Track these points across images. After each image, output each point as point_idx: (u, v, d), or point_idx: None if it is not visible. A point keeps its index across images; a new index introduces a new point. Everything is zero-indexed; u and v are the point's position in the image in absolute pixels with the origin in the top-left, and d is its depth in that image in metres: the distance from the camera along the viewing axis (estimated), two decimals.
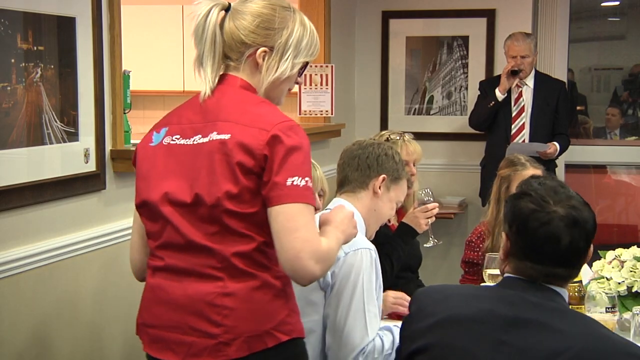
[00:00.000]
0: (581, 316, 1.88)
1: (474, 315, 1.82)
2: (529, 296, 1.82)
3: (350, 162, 2.63)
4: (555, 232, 1.79)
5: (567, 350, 1.71)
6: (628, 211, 6.74)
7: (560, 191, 1.85)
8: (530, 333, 1.75)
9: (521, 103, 5.10)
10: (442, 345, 1.83)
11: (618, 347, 1.75)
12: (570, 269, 1.85)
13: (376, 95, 5.91)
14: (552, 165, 5.01)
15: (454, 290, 1.99)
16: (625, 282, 2.71)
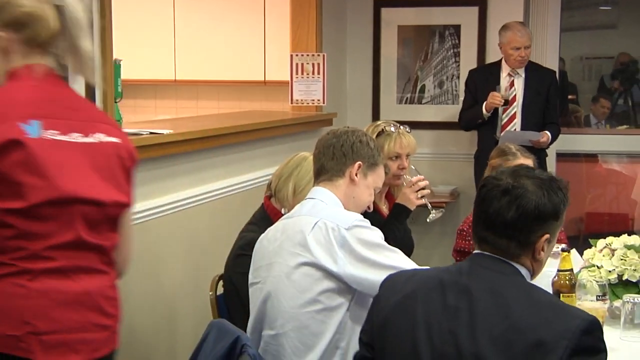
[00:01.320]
0: (531, 285, 1.94)
1: (432, 286, 1.94)
2: (483, 269, 1.93)
3: (325, 152, 2.62)
4: (488, 196, 1.94)
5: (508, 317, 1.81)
6: (619, 200, 6.76)
7: (522, 171, 1.98)
8: (480, 300, 1.86)
9: (513, 92, 5.10)
10: (403, 319, 1.94)
11: (559, 310, 1.83)
12: (498, 237, 1.92)
13: (368, 84, 5.90)
14: (543, 154, 5.01)
15: (421, 270, 2.12)
16: (615, 270, 2.72)
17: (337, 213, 2.50)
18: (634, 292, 2.64)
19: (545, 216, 1.93)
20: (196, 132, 3.74)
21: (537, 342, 1.78)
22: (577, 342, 1.77)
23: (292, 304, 2.44)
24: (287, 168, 3.04)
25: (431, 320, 1.91)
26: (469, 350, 1.83)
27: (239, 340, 2.30)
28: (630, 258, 2.72)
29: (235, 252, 2.94)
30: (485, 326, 1.84)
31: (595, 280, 2.68)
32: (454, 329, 1.87)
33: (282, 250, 2.49)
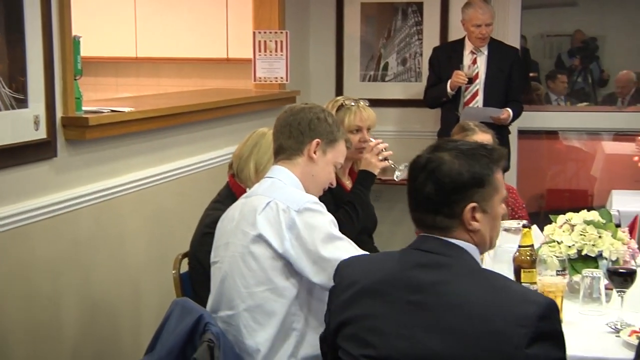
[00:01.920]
0: (484, 272, 1.93)
1: (383, 279, 1.93)
2: (434, 255, 1.90)
3: (283, 130, 2.59)
4: (411, 174, 1.96)
5: (462, 307, 1.80)
6: (579, 176, 6.85)
7: (443, 144, 1.98)
8: (434, 293, 1.84)
9: (475, 70, 5.12)
10: (363, 315, 1.92)
11: (514, 296, 1.82)
12: (423, 214, 1.92)
13: (331, 61, 5.88)
14: (505, 131, 5.05)
15: (371, 258, 2.08)
16: (575, 245, 2.75)
17: (291, 194, 2.49)
18: (593, 266, 2.68)
19: (464, 186, 1.89)
20: (158, 110, 3.71)
21: (494, 331, 1.77)
22: (535, 330, 1.75)
23: (245, 283, 2.44)
24: (246, 147, 3.03)
25: (385, 317, 1.89)
26: (423, 344, 1.82)
27: (202, 318, 2.30)
28: (589, 233, 2.76)
29: (202, 230, 2.93)
30: (439, 318, 1.82)
31: (555, 255, 2.72)
32: (407, 322, 1.86)
33: (237, 230, 2.49)
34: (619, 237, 2.78)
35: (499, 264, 2.76)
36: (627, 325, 2.39)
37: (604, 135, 6.50)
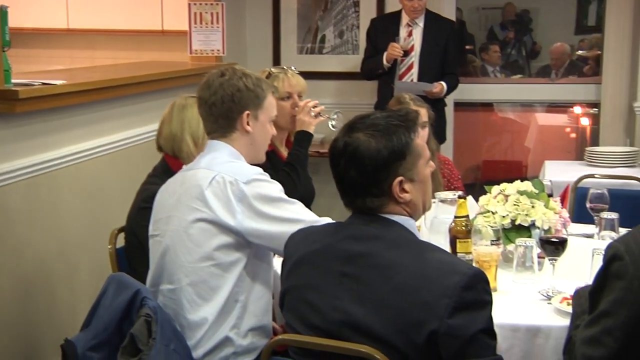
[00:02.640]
0: (414, 244, 1.94)
1: (318, 250, 1.95)
2: (367, 228, 1.92)
3: (208, 111, 2.53)
4: (332, 161, 1.94)
5: (392, 278, 1.82)
6: (514, 148, 6.96)
7: (356, 123, 1.93)
8: (365, 264, 1.86)
9: (411, 42, 5.14)
10: (299, 285, 1.95)
11: (442, 267, 1.84)
12: (352, 199, 1.93)
13: (268, 34, 5.84)
14: (441, 104, 5.09)
15: (313, 229, 2.08)
16: (509, 215, 2.80)
17: (235, 167, 2.47)
18: (526, 236, 2.73)
19: (385, 163, 1.89)
20: (92, 82, 3.64)
21: (421, 303, 1.79)
22: (458, 300, 1.77)
23: (190, 258, 2.42)
24: (174, 126, 2.93)
25: (319, 286, 1.91)
26: (355, 317, 1.84)
27: (138, 293, 2.28)
28: (522, 203, 2.81)
29: (138, 205, 2.89)
30: (369, 289, 1.84)
31: (489, 225, 2.76)
32: (339, 293, 1.87)
33: (180, 204, 2.46)
34: (551, 206, 2.83)
35: (436, 235, 2.79)
36: (558, 292, 2.45)
37: (538, 107, 6.62)
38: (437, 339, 1.78)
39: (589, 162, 4.53)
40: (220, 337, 2.43)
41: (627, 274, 1.78)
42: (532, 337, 2.19)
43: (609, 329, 1.81)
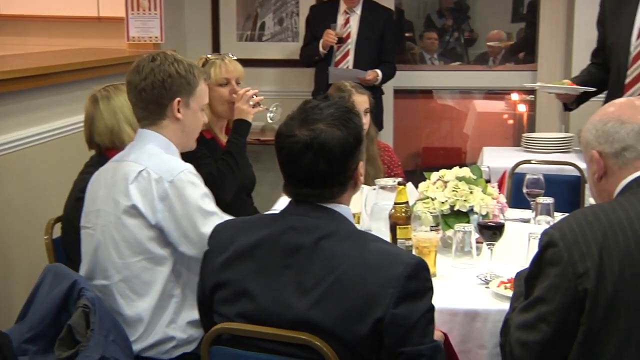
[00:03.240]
0: (356, 235, 1.95)
1: (257, 243, 1.92)
2: (308, 219, 1.91)
3: (138, 97, 2.48)
4: (292, 156, 1.88)
5: (336, 269, 1.82)
6: (453, 134, 7.03)
7: (311, 115, 1.90)
8: (308, 256, 1.86)
9: (347, 30, 5.15)
10: (238, 279, 1.92)
11: (385, 258, 1.85)
12: (318, 189, 1.92)
13: (207, 21, 5.79)
14: (378, 91, 5.12)
15: (246, 221, 2.05)
16: (448, 201, 2.83)
17: (164, 162, 2.43)
18: (465, 221, 2.77)
19: (352, 149, 1.91)
20: (25, 70, 3.57)
21: (365, 294, 1.80)
22: (402, 289, 1.79)
23: (120, 254, 2.40)
24: (109, 121, 2.87)
25: (259, 279, 1.89)
26: (298, 309, 1.84)
27: (76, 284, 2.25)
28: (461, 189, 2.84)
29: (75, 195, 2.84)
30: (312, 281, 1.84)
31: (429, 211, 2.79)
32: (281, 285, 1.86)
33: (109, 198, 2.43)
34: (488, 192, 2.87)
35: (376, 222, 2.81)
36: (496, 276, 2.49)
37: (476, 94, 6.69)
38: (382, 328, 1.79)
39: (526, 148, 4.60)
40: (159, 334, 2.42)
41: (561, 261, 1.82)
42: (470, 321, 2.22)
43: (543, 314, 1.84)
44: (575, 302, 1.81)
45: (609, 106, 2.02)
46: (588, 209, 1.96)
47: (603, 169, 1.98)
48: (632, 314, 1.77)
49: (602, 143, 1.96)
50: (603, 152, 1.96)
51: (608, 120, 1.97)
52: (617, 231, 1.81)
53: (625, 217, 1.83)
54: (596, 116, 2.02)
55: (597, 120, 2.00)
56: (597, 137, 1.97)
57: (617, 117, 1.96)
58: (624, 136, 1.93)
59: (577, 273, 1.80)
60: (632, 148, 1.93)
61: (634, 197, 1.89)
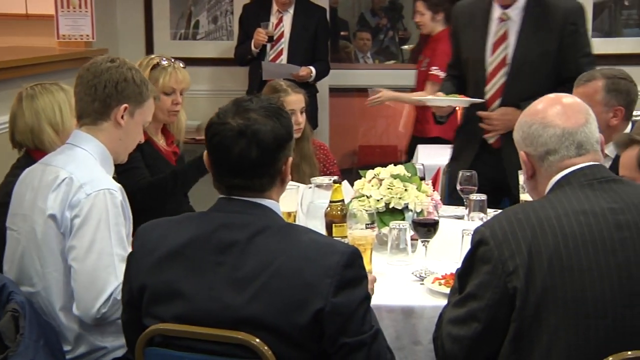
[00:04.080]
0: (288, 228, 1.95)
1: (187, 243, 1.90)
2: (239, 215, 1.90)
3: (87, 92, 2.43)
4: (224, 143, 1.87)
5: (272, 263, 1.82)
6: (389, 132, 7.09)
7: (243, 105, 1.92)
8: (242, 252, 1.85)
9: (281, 29, 5.14)
10: (170, 280, 1.89)
11: (320, 248, 1.86)
12: (249, 180, 1.91)
13: (139, 19, 5.71)
14: (313, 90, 5.12)
15: (172, 222, 2.01)
16: (383, 199, 2.85)
17: (93, 172, 2.36)
18: (400, 219, 2.79)
19: (283, 142, 1.91)
20: None
21: (303, 285, 1.80)
22: (340, 278, 1.80)
23: (43, 263, 2.35)
24: (29, 119, 2.79)
25: (192, 279, 1.87)
26: (235, 306, 1.82)
27: (5, 287, 2.19)
28: (396, 187, 2.86)
29: (2, 199, 2.76)
30: (248, 277, 1.83)
31: (364, 209, 2.80)
32: (216, 283, 1.85)
33: (35, 205, 2.36)
34: (423, 189, 2.90)
35: (312, 220, 2.81)
36: (430, 273, 2.51)
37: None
38: (322, 318, 1.80)
39: None
40: (87, 346, 2.38)
41: (491, 259, 1.85)
42: (406, 318, 2.24)
43: (474, 311, 1.87)
44: (505, 299, 1.83)
45: (538, 103, 2.04)
46: (519, 206, 2.00)
47: (531, 169, 2.01)
48: (560, 310, 1.81)
49: (528, 145, 1.99)
50: (529, 154, 2.00)
51: (533, 122, 1.99)
52: (546, 229, 1.84)
53: (554, 215, 1.86)
54: (523, 115, 2.05)
55: (523, 121, 2.03)
56: (524, 138, 2.01)
57: (541, 119, 1.98)
58: (546, 140, 1.96)
59: (507, 271, 1.83)
60: (555, 152, 1.96)
61: (562, 194, 1.92)
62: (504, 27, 3.56)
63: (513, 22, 3.55)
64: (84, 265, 2.28)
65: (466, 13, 3.69)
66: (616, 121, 3.19)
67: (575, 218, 1.85)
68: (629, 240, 1.84)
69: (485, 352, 1.90)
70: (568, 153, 1.95)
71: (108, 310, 2.27)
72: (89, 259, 2.27)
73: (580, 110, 2.00)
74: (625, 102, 3.20)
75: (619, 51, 4.87)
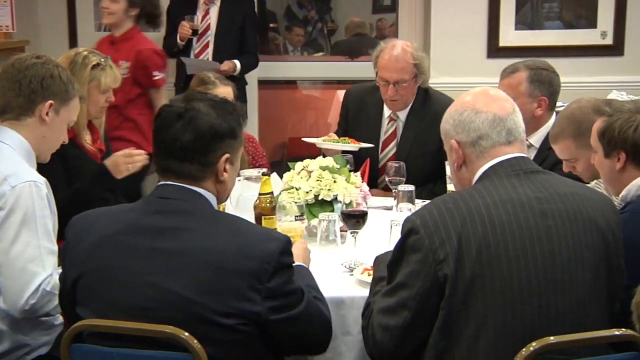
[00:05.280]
0: (224, 217, 2.00)
1: (122, 229, 1.92)
2: (175, 202, 1.92)
3: (11, 87, 2.39)
4: (163, 123, 1.94)
5: (209, 250, 1.84)
6: (318, 124, 7.10)
7: (195, 95, 2.01)
8: (177, 237, 1.87)
9: (207, 21, 5.08)
10: (97, 268, 1.90)
11: (256, 236, 1.91)
12: (179, 163, 1.93)
13: (62, 10, 5.56)
14: (241, 82, 5.08)
15: (106, 210, 2.04)
16: (312, 191, 2.85)
17: (16, 166, 2.32)
18: (329, 210, 2.80)
19: (221, 135, 1.94)
20: None
21: (241, 271, 1.83)
22: (276, 264, 1.86)
23: None
24: None
25: (127, 264, 1.87)
26: (169, 290, 1.82)
27: None
28: (325, 179, 2.87)
29: None
30: (183, 263, 1.84)
31: (294, 201, 2.80)
32: (152, 269, 1.85)
33: None
34: (352, 181, 2.92)
35: (241, 212, 2.79)
36: (360, 264, 2.52)
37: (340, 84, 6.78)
38: (260, 302, 1.84)
39: None
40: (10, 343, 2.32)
41: (422, 248, 1.88)
42: (336, 309, 2.25)
43: (405, 299, 1.90)
44: (435, 287, 1.86)
45: (465, 96, 2.09)
46: (448, 196, 2.02)
47: (462, 157, 2.04)
48: (488, 298, 1.84)
49: (460, 132, 2.03)
50: (461, 142, 2.03)
51: (464, 110, 2.03)
52: (475, 217, 1.87)
53: (483, 204, 1.89)
54: (453, 107, 2.09)
55: (453, 111, 2.07)
56: (455, 126, 2.04)
57: (472, 106, 2.03)
58: (479, 125, 2.00)
59: (437, 259, 1.86)
60: (487, 136, 2.00)
61: (490, 183, 1.96)
62: (394, 126, 3.69)
63: (401, 122, 3.68)
64: (10, 258, 2.23)
65: (358, 99, 3.83)
66: (541, 111, 3.27)
67: (502, 207, 1.89)
68: (553, 229, 1.89)
69: (415, 341, 1.93)
70: (499, 139, 1.99)
71: (37, 301, 2.23)
72: (15, 251, 2.23)
73: (508, 100, 2.07)
74: (549, 93, 3.28)
75: (541, 43, 4.98)
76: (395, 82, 3.53)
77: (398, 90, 3.55)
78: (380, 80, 3.59)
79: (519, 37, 5.00)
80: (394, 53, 3.54)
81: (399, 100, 3.60)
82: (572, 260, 1.88)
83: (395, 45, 3.59)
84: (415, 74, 3.56)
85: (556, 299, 1.86)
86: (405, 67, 3.53)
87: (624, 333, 1.85)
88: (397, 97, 3.57)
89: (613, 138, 2.28)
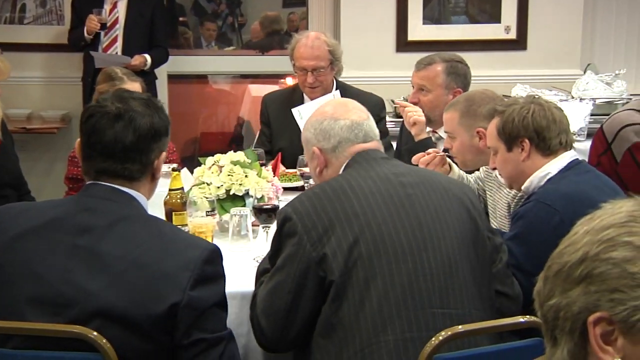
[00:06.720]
0: (152, 220, 1.97)
1: (47, 223, 1.88)
2: (104, 202, 1.90)
3: None
4: (99, 125, 1.90)
5: (131, 252, 1.82)
6: (230, 119, 7.07)
7: (124, 95, 1.97)
8: (102, 237, 1.84)
9: (115, 14, 4.99)
10: (21, 260, 1.85)
11: (182, 242, 1.89)
12: (120, 164, 1.91)
13: None
14: (151, 76, 5.01)
15: (34, 204, 2.05)
16: (223, 185, 2.84)
17: None
18: (240, 205, 2.79)
19: (159, 133, 1.95)
20: None
21: (161, 276, 1.80)
22: (199, 272, 1.83)
23: None
24: None
25: (47, 259, 1.83)
26: (88, 290, 1.79)
27: None
28: (236, 173, 2.86)
29: None
30: (105, 263, 1.81)
31: (205, 196, 2.79)
32: (72, 266, 1.81)
33: None
34: (263, 175, 2.92)
35: (152, 208, 2.70)
36: None
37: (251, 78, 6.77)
38: (177, 310, 1.80)
39: None
40: None
41: (296, 232, 1.97)
42: (247, 304, 2.24)
43: (283, 281, 1.98)
44: (312, 266, 1.95)
45: (324, 106, 2.25)
46: (315, 186, 2.16)
47: (324, 162, 2.18)
48: (366, 263, 1.94)
49: (321, 140, 2.18)
50: (322, 148, 2.18)
51: (324, 119, 2.19)
52: (341, 196, 2.00)
53: (346, 183, 2.03)
54: (313, 117, 2.23)
55: (314, 120, 2.21)
56: (316, 135, 2.19)
57: (331, 115, 2.19)
58: (338, 131, 2.16)
59: (311, 240, 1.95)
60: (346, 140, 2.16)
61: (351, 170, 2.11)
62: None
63: None
64: None
65: (277, 102, 3.90)
66: None
67: (364, 182, 2.03)
68: (414, 196, 2.04)
69: (299, 322, 1.99)
70: (356, 140, 2.15)
71: None
72: None
73: (362, 109, 2.25)
74: (463, 85, 3.37)
75: (448, 37, 5.07)
76: (313, 69, 3.70)
77: (317, 77, 3.71)
78: (299, 70, 3.74)
79: (427, 31, 5.08)
80: (309, 42, 3.72)
81: (319, 87, 3.74)
82: (437, 220, 2.02)
83: (309, 35, 3.79)
84: (331, 60, 3.73)
85: (428, 256, 1.98)
86: (321, 55, 3.71)
87: (528, 320, 1.93)
88: (317, 83, 3.73)
89: (514, 128, 2.38)
